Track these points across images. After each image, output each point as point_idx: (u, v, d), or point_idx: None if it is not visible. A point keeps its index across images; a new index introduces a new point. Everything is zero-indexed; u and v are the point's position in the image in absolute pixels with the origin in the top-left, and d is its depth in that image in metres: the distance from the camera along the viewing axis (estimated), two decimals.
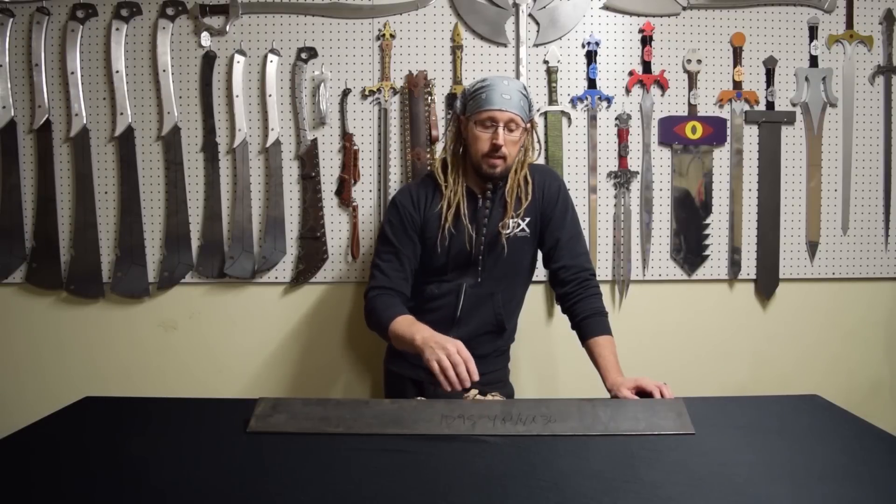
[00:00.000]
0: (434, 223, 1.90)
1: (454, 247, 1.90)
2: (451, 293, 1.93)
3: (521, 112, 1.83)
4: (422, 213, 1.91)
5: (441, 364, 1.56)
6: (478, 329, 1.93)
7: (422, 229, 1.91)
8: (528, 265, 2.01)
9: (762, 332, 2.52)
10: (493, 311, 1.94)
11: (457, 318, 1.92)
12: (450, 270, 1.93)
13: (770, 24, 2.45)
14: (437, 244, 1.89)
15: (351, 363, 2.52)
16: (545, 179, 1.96)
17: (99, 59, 2.43)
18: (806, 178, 2.49)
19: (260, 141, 2.44)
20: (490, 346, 1.97)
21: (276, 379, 2.50)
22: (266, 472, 1.23)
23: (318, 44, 2.43)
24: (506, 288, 1.96)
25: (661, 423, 1.42)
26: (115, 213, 2.47)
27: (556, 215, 1.93)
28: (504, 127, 1.81)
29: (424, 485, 1.18)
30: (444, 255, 1.90)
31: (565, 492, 1.14)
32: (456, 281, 1.93)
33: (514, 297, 2.01)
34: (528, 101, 1.87)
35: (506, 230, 1.89)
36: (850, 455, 1.30)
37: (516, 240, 1.91)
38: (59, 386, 2.44)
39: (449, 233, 1.88)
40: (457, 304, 1.91)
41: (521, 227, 1.91)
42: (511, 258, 1.92)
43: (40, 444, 1.38)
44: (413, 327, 1.72)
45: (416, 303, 1.95)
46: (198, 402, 1.74)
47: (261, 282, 2.48)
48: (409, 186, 2.01)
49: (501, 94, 1.80)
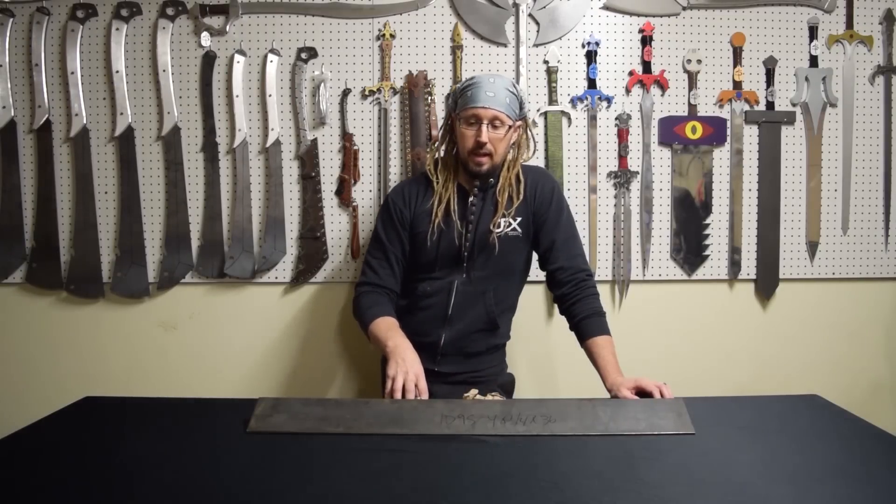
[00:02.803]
0: (425, 219, 1.93)
1: (443, 243, 1.92)
2: (442, 291, 1.94)
3: (507, 109, 1.83)
4: (412, 209, 1.95)
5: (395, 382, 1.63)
6: (470, 327, 1.95)
7: (412, 225, 1.95)
8: (522, 265, 2.02)
9: (762, 332, 2.52)
10: (485, 309, 1.95)
11: (448, 315, 1.93)
12: (440, 267, 1.95)
13: (770, 24, 2.45)
14: (426, 239, 1.91)
15: (351, 363, 2.52)
16: (538, 180, 1.97)
17: (99, 59, 2.43)
18: (806, 178, 2.49)
19: (260, 141, 2.44)
20: (483, 343, 1.98)
21: (275, 379, 2.50)
22: (266, 472, 1.23)
23: (318, 44, 2.43)
24: (498, 286, 1.96)
25: (661, 423, 1.42)
26: (115, 213, 2.47)
27: (551, 217, 1.94)
28: (488, 124, 1.82)
29: (424, 484, 1.18)
30: (434, 251, 1.93)
31: (565, 492, 1.14)
32: (447, 278, 1.94)
33: (507, 297, 2.02)
34: (517, 98, 1.87)
35: (497, 229, 1.90)
36: (850, 455, 1.31)
37: (508, 239, 1.92)
38: (59, 386, 2.44)
39: (438, 229, 1.91)
40: (448, 301, 1.93)
41: (513, 226, 1.92)
42: (502, 257, 1.92)
43: (40, 445, 1.37)
44: (389, 332, 1.80)
45: (409, 301, 1.98)
46: (198, 402, 1.74)
47: (261, 282, 2.48)
48: (403, 184, 2.07)
49: (486, 92, 1.82)
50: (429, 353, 1.90)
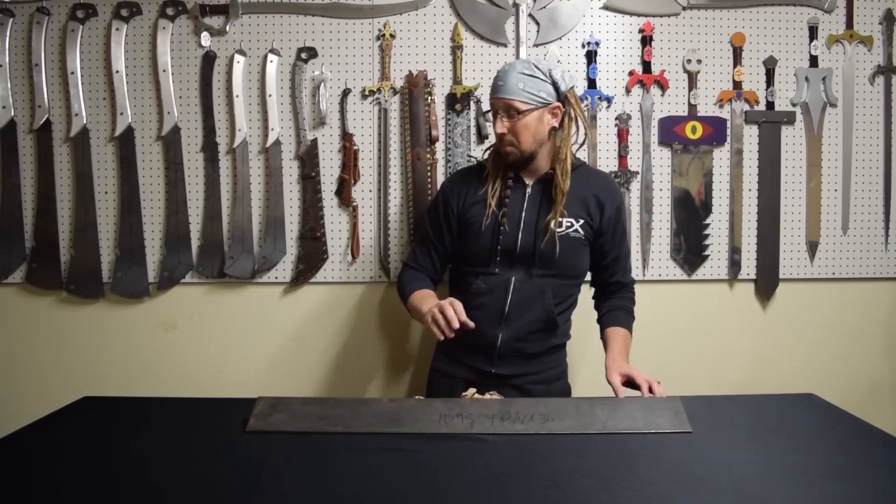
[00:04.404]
0: (477, 209, 1.89)
1: (499, 236, 1.85)
2: (499, 288, 1.86)
3: (520, 95, 1.76)
4: (462, 199, 1.91)
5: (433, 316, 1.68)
6: (528, 326, 1.86)
7: (461, 215, 1.91)
8: (583, 266, 1.95)
9: (762, 333, 2.52)
10: (544, 308, 1.86)
11: (505, 313, 1.85)
12: (496, 262, 1.87)
13: (770, 24, 2.45)
14: (479, 231, 1.87)
15: (351, 363, 2.52)
16: (610, 191, 1.92)
17: (99, 59, 2.44)
18: (806, 178, 2.49)
19: (260, 141, 2.44)
20: (542, 343, 1.89)
21: (275, 379, 2.50)
22: (265, 472, 1.23)
23: (318, 44, 2.43)
24: (558, 286, 1.88)
25: (659, 422, 1.43)
26: (115, 213, 2.47)
27: (618, 232, 1.92)
28: (504, 114, 1.79)
29: (423, 483, 1.19)
30: (488, 243, 1.86)
31: (564, 490, 1.14)
32: (504, 275, 1.87)
33: (567, 297, 1.93)
34: (540, 80, 1.78)
35: (559, 229, 1.83)
36: (846, 453, 1.31)
37: (569, 240, 1.85)
38: (59, 386, 2.44)
39: (493, 220, 1.85)
40: (505, 299, 1.85)
41: (575, 227, 1.86)
42: (563, 257, 1.85)
43: (38, 444, 1.38)
44: (424, 300, 1.83)
45: (463, 297, 1.84)
46: (197, 401, 1.74)
47: (261, 282, 2.48)
48: (459, 172, 2.07)
49: (497, 82, 1.81)
50: (485, 354, 1.86)
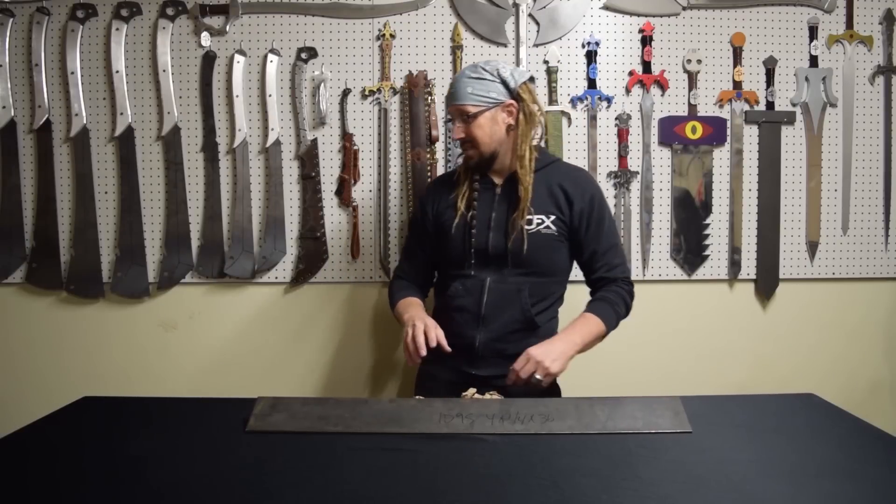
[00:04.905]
0: (449, 212, 1.91)
1: (470, 238, 1.86)
2: (475, 289, 1.86)
3: (469, 98, 1.78)
4: (436, 205, 1.95)
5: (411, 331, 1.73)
6: (506, 327, 1.85)
7: (436, 219, 1.94)
8: (560, 264, 1.92)
9: (762, 333, 2.52)
10: (521, 307, 1.85)
11: (482, 315, 1.85)
12: (470, 264, 1.87)
13: (770, 24, 2.45)
14: (450, 233, 1.89)
15: (350, 363, 2.52)
16: (581, 184, 1.90)
17: (99, 59, 2.44)
18: (806, 178, 2.49)
19: (260, 141, 2.44)
20: (522, 344, 1.79)
21: (275, 379, 2.50)
22: (265, 472, 1.23)
23: (318, 44, 2.43)
24: (534, 284, 1.87)
25: (659, 422, 1.43)
26: (115, 213, 2.47)
27: (592, 226, 1.88)
28: (459, 119, 1.83)
29: (423, 483, 1.18)
30: (461, 245, 1.88)
31: (564, 490, 1.14)
32: (479, 276, 1.87)
33: (546, 295, 1.90)
34: (488, 81, 1.79)
35: (528, 226, 1.83)
36: (846, 452, 1.31)
37: (541, 236, 1.85)
38: (59, 386, 2.44)
39: (462, 222, 1.87)
40: (481, 300, 1.85)
41: (546, 223, 1.85)
42: (536, 255, 1.84)
43: (38, 444, 1.38)
44: (408, 308, 1.88)
45: (442, 300, 1.92)
46: (197, 401, 1.74)
47: (261, 282, 2.48)
48: (435, 180, 2.14)
49: (450, 90, 1.86)
50: (465, 355, 1.85)
